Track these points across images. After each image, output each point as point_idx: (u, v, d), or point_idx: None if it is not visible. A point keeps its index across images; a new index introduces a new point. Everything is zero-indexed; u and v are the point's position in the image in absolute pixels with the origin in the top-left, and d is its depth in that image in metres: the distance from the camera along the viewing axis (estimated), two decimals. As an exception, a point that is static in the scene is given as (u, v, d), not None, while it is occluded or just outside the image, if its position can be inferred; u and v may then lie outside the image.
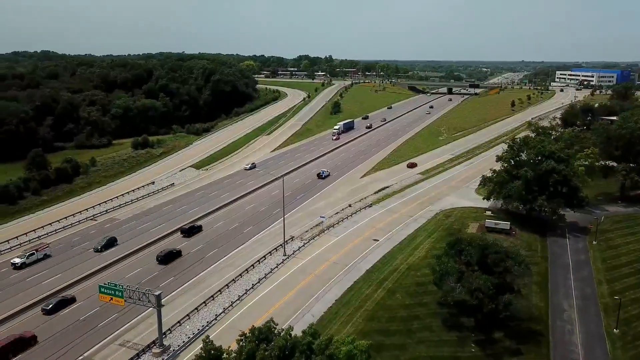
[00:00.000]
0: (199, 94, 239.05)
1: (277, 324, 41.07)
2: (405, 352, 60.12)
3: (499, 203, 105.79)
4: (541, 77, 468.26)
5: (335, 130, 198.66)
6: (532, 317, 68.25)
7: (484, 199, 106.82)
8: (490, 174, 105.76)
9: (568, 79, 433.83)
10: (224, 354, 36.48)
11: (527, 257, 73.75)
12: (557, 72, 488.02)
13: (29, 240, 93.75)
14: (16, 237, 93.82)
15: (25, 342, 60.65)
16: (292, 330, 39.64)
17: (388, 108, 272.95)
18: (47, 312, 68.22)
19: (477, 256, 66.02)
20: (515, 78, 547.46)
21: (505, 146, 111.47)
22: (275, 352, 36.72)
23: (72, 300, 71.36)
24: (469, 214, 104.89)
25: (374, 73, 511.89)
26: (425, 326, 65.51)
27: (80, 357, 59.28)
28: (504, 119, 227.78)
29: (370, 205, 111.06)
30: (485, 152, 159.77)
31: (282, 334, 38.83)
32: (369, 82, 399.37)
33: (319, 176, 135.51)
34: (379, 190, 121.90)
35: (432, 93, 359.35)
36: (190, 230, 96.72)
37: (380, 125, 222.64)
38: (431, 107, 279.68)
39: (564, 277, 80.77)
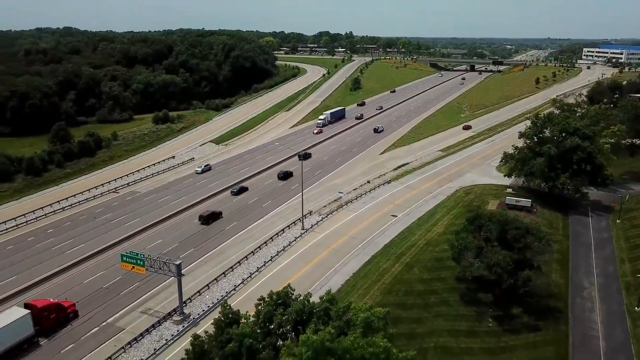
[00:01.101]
0: (218, 69, 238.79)
1: (294, 290, 41.47)
2: (422, 325, 60.33)
3: (520, 180, 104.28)
4: (567, 54, 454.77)
5: (320, 121, 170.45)
6: (552, 294, 67.68)
7: (505, 176, 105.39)
8: (512, 151, 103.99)
9: (595, 56, 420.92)
10: (242, 319, 37.02)
11: (548, 234, 72.76)
12: (584, 49, 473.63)
13: (54, 211, 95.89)
14: (41, 208, 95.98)
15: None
16: (310, 297, 40.05)
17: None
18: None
19: (497, 232, 65.39)
20: (540, 55, 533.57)
21: (528, 123, 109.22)
22: (293, 315, 37.19)
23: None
24: (489, 191, 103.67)
25: (395, 50, 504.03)
26: (442, 300, 65.50)
27: (104, 323, 60.98)
28: (527, 96, 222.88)
29: (389, 182, 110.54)
30: (507, 130, 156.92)
31: (299, 299, 39.28)
32: (389, 59, 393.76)
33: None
34: (398, 167, 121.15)
35: (454, 69, 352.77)
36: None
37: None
38: (463, 78, 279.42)
39: (585, 255, 79.68)
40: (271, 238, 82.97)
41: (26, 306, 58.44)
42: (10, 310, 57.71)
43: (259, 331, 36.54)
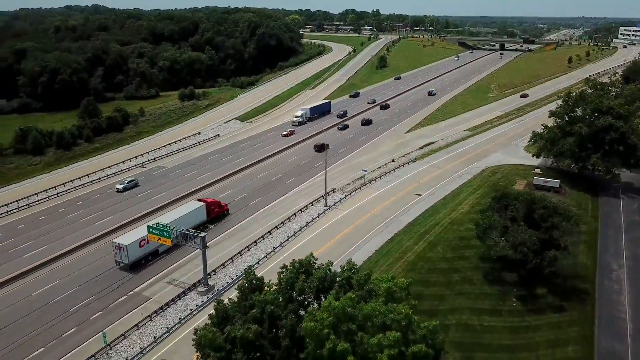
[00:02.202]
0: (244, 47, 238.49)
1: (317, 259, 41.73)
2: (444, 302, 60.14)
3: (549, 161, 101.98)
4: (602, 33, 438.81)
5: (296, 119, 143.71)
6: (578, 275, 66.41)
7: (533, 156, 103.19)
8: (542, 130, 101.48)
9: (632, 35, 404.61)
10: (265, 287, 37.48)
11: (576, 215, 71.14)
12: (620, 28, 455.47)
13: (83, 184, 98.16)
14: (71, 181, 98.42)
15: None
16: (331, 265, 40.31)
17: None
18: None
19: (524, 211, 64.21)
20: (574, 34, 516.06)
21: (559, 102, 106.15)
22: (315, 283, 37.49)
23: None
24: (517, 171, 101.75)
25: (423, 28, 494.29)
26: (465, 279, 65.04)
27: (131, 292, 62.63)
28: (558, 76, 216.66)
29: (414, 161, 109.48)
30: (536, 110, 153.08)
31: (321, 267, 39.57)
32: (417, 37, 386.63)
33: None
34: (424, 146, 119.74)
35: (483, 48, 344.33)
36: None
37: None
38: (501, 53, 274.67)
39: (614, 237, 77.71)
40: (294, 214, 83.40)
41: (200, 200, 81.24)
42: (192, 202, 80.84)
43: (280, 299, 37.04)
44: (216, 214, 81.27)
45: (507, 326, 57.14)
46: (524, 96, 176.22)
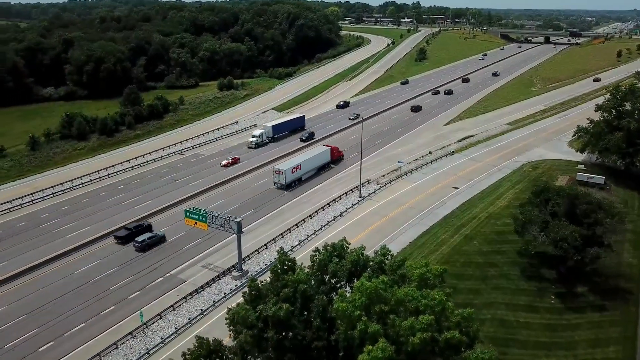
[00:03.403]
0: (282, 38, 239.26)
1: (349, 244, 41.59)
2: (479, 296, 58.98)
3: (593, 157, 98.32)
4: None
5: (253, 139, 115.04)
6: (622, 274, 63.88)
7: (577, 151, 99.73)
8: (587, 125, 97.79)
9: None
10: (298, 269, 37.60)
11: (622, 212, 68.37)
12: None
13: (124, 169, 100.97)
14: (113, 166, 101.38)
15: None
16: (364, 249, 40.11)
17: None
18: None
19: (566, 206, 62.10)
20: (624, 28, 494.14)
21: (607, 96, 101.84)
22: (347, 266, 37.38)
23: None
24: (559, 166, 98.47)
25: (464, 20, 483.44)
26: (502, 274, 63.58)
27: (168, 274, 64.15)
28: (607, 70, 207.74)
29: (452, 154, 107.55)
30: (582, 105, 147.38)
31: (355, 251, 39.46)
32: (458, 30, 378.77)
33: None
34: (463, 139, 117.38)
35: (527, 41, 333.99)
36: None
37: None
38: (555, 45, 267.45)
39: (662, 237, 74.34)
40: (328, 204, 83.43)
41: (325, 146, 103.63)
42: (321, 147, 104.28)
43: (313, 280, 37.11)
44: (336, 156, 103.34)
45: (544, 323, 55.68)
46: (597, 80, 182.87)
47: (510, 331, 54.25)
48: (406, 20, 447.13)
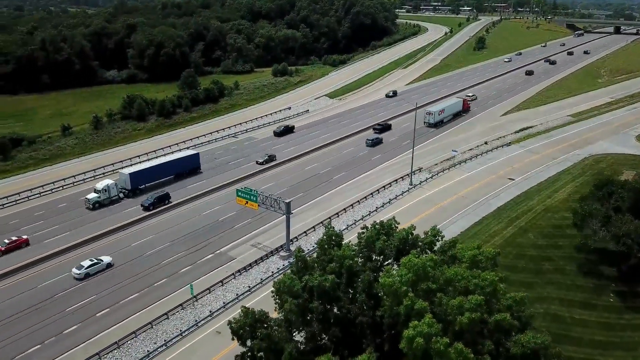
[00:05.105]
0: (338, 26, 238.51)
1: (399, 223, 40.95)
2: (532, 290, 56.75)
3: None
4: None
5: (92, 196, 76.80)
6: (691, 275, 59.83)
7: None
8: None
9: None
10: (344, 246, 37.40)
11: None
12: None
13: (180, 150, 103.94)
14: (169, 147, 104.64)
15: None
16: (414, 229, 39.32)
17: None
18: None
19: (631, 200, 58.80)
20: None
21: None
22: (395, 243, 36.83)
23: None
24: (625, 161, 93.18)
25: (528, 9, 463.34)
26: (557, 268, 61.05)
27: (218, 251, 65.77)
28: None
29: (508, 144, 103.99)
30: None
31: (404, 230, 38.77)
32: (520, 19, 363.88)
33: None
34: (521, 130, 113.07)
35: (594, 31, 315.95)
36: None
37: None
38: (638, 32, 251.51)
39: None
40: (377, 190, 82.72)
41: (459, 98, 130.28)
42: (454, 98, 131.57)
43: (359, 257, 36.83)
44: (467, 107, 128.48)
45: (601, 321, 53.21)
46: None
47: (564, 327, 52.11)
48: (466, 8, 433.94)
